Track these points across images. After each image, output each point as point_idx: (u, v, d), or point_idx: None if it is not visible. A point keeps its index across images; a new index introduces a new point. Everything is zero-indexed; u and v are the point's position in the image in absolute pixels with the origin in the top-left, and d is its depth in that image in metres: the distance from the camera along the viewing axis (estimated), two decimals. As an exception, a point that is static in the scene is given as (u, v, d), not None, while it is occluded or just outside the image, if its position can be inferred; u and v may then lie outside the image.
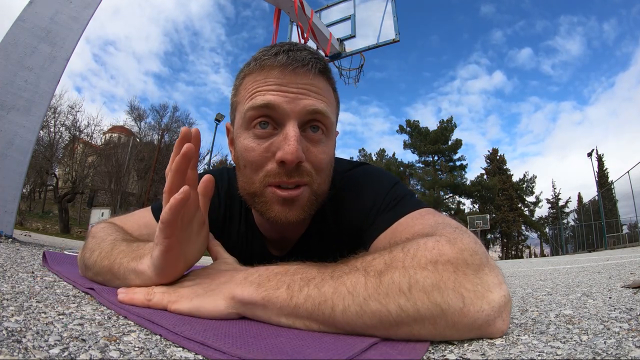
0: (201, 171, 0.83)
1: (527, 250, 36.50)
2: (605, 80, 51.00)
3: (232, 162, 0.77)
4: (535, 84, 51.66)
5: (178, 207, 0.49)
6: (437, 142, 33.88)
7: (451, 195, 34.49)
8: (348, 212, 0.74)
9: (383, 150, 38.10)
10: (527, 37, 49.30)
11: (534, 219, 35.03)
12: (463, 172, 34.31)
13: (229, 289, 0.49)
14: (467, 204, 35.46)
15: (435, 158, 35.00)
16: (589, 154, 18.18)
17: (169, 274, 0.55)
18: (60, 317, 0.45)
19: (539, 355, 0.38)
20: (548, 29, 48.20)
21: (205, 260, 0.72)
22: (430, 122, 58.33)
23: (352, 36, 5.16)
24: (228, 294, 0.49)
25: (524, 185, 35.44)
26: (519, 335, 0.47)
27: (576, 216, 28.09)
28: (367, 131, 57.76)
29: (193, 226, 0.57)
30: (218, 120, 14.89)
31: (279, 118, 0.63)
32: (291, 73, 0.63)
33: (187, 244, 0.56)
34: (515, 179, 35.71)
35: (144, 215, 0.85)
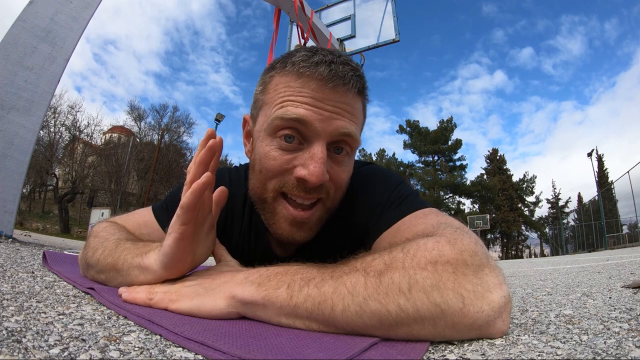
0: None
1: (527, 250, 36.52)
2: (607, 80, 51.13)
3: (232, 162, 0.78)
4: (536, 84, 51.76)
5: (200, 192, 0.50)
6: (437, 142, 33.89)
7: (451, 195, 34.53)
8: (356, 210, 0.75)
9: (383, 151, 38.17)
10: (528, 37, 49.41)
11: (534, 219, 35.06)
12: (463, 172, 34.38)
13: (230, 288, 0.50)
14: (467, 204, 35.55)
15: (435, 158, 35.02)
16: (589, 154, 18.18)
17: (176, 267, 0.56)
18: (60, 317, 0.45)
19: (539, 355, 0.38)
20: (549, 28, 48.30)
21: (210, 263, 0.72)
22: (431, 122, 58.18)
23: (352, 36, 5.16)
24: (228, 293, 0.49)
25: (524, 185, 35.48)
26: (519, 335, 0.47)
27: (576, 216, 28.14)
28: (368, 131, 57.83)
29: (205, 227, 0.58)
30: (218, 120, 14.87)
31: (308, 135, 0.61)
32: (330, 90, 0.60)
33: (197, 242, 0.57)
34: (515, 179, 35.79)
35: (144, 214, 0.85)
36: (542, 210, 36.78)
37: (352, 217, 0.75)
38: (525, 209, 35.29)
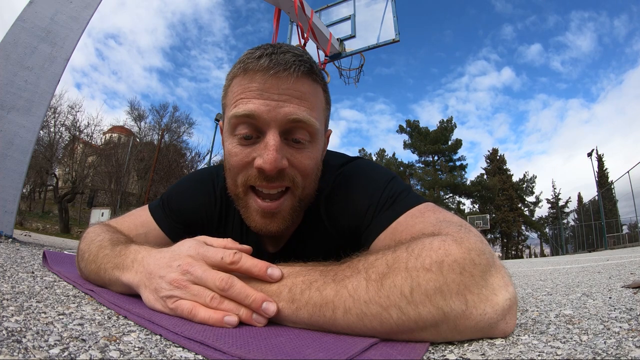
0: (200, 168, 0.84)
1: (527, 250, 36.52)
2: (615, 77, 50.65)
3: None
4: (544, 81, 51.33)
5: None
6: (437, 142, 33.90)
7: (451, 195, 34.54)
8: (342, 212, 0.73)
9: (383, 150, 38.18)
10: (537, 33, 48.98)
11: (534, 219, 35.05)
12: (463, 172, 34.38)
13: None
14: (467, 204, 35.52)
15: (435, 158, 35.02)
16: (589, 154, 18.17)
17: None
18: (60, 317, 0.45)
19: (539, 355, 0.38)
20: (559, 24, 47.81)
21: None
22: (436, 120, 57.28)
23: (352, 36, 5.16)
24: None
25: (524, 185, 35.48)
26: (519, 335, 0.47)
27: (576, 216, 28.14)
28: (372, 129, 57.60)
29: None
30: (218, 120, 14.94)
31: (260, 126, 0.63)
32: (273, 78, 0.62)
33: None
34: (515, 178, 35.79)
35: (140, 214, 0.85)
36: (542, 210, 36.84)
37: (340, 217, 0.74)
38: (525, 209, 35.30)
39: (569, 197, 35.99)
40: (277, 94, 0.62)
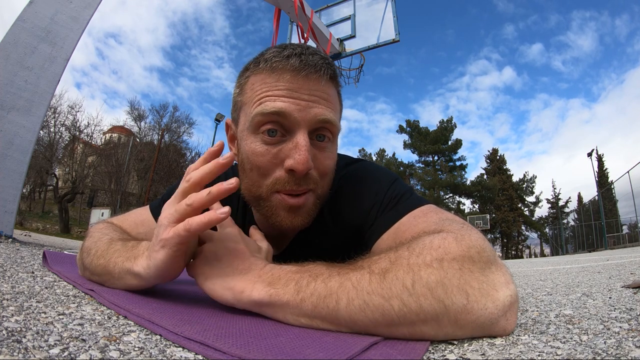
0: None
1: (527, 250, 36.53)
2: (616, 77, 50.55)
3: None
4: (545, 81, 51.24)
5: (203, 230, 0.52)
6: (437, 142, 33.91)
7: (451, 195, 34.54)
8: (346, 211, 0.74)
9: (383, 150, 38.19)
10: (539, 32, 48.93)
11: (534, 219, 35.04)
12: (463, 172, 34.39)
13: (242, 283, 0.51)
14: (467, 204, 35.52)
15: (435, 158, 35.02)
16: (589, 154, 18.17)
17: (169, 276, 0.56)
18: (60, 317, 0.45)
19: (539, 355, 0.38)
20: (560, 23, 47.69)
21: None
22: (437, 120, 57.20)
23: (352, 36, 5.16)
24: (239, 288, 0.50)
25: (524, 185, 35.49)
26: (519, 335, 0.47)
27: (576, 216, 28.15)
28: (373, 128, 57.59)
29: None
30: (218, 120, 14.92)
31: (289, 126, 0.62)
32: (303, 79, 0.62)
33: (189, 249, 0.57)
34: (515, 178, 35.80)
35: (141, 213, 0.85)
36: (542, 210, 36.84)
37: (344, 217, 0.74)
38: (525, 209, 35.29)
39: (569, 197, 36.06)
40: (306, 94, 0.62)
